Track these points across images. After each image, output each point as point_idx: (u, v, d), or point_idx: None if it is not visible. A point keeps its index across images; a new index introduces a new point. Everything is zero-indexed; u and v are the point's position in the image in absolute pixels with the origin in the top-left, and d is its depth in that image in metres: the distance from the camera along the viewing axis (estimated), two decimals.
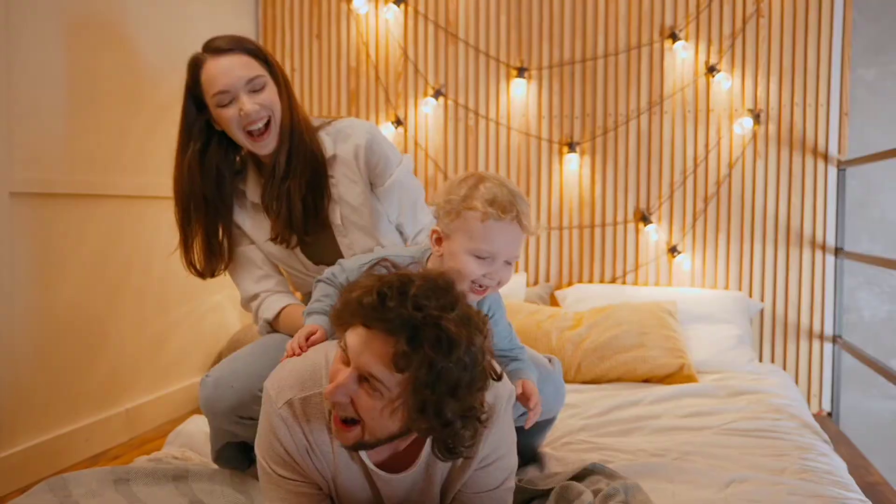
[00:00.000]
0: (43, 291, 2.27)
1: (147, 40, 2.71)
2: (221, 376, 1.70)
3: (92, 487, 1.65)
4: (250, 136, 1.73)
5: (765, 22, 3.11)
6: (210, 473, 1.75)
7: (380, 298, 1.12)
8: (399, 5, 3.33)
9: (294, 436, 1.28)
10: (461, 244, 1.43)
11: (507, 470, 1.39)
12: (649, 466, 1.76)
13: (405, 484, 1.34)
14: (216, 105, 1.72)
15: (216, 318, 3.15)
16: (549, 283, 3.29)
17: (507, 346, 1.62)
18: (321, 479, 1.33)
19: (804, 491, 1.62)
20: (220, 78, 1.70)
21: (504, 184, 1.45)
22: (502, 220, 1.41)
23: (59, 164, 2.34)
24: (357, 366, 1.15)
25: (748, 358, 2.82)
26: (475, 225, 1.42)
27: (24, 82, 2.19)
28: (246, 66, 1.73)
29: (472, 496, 1.37)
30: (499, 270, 1.45)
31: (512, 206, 1.42)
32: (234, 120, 1.71)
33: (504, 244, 1.43)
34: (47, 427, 2.29)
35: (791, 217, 3.11)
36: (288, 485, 1.32)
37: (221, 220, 1.82)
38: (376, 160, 1.80)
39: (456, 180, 1.49)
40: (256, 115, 1.70)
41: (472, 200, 1.43)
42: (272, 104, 1.74)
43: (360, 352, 1.14)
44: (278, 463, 1.31)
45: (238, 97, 1.70)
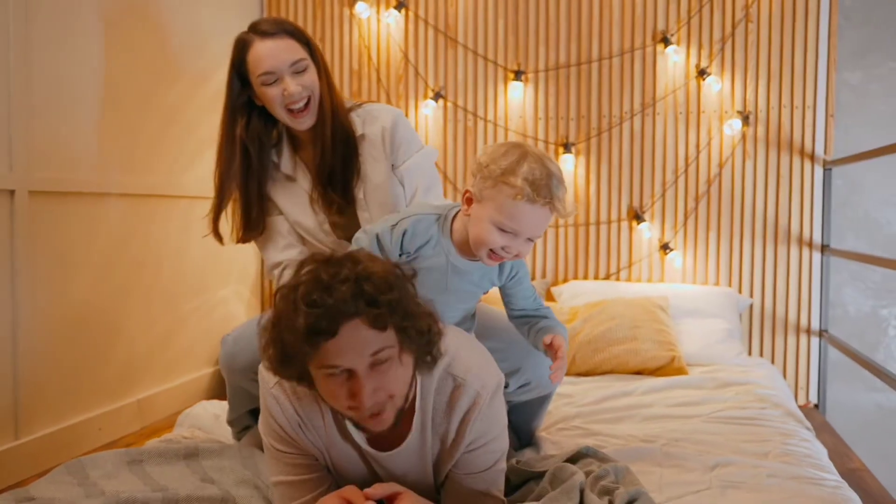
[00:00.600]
0: (59, 287, 2.34)
1: (155, 46, 2.78)
2: (241, 335, 1.81)
3: (108, 469, 1.73)
4: (290, 112, 1.83)
5: (753, 27, 3.17)
6: (219, 450, 1.82)
7: (317, 310, 1.17)
8: (400, 10, 3.38)
9: (286, 412, 1.37)
10: (489, 213, 1.44)
11: (496, 452, 1.44)
12: (639, 451, 1.85)
13: (397, 461, 1.40)
14: (261, 84, 1.82)
15: (223, 312, 3.22)
16: (546, 279, 3.35)
17: (531, 306, 1.65)
18: (316, 451, 1.41)
19: (784, 473, 1.70)
20: (266, 59, 1.81)
21: (545, 164, 1.44)
22: (535, 203, 1.41)
23: (74, 164, 2.40)
24: (360, 364, 1.21)
25: (737, 351, 2.90)
26: (507, 200, 1.41)
27: (41, 85, 2.27)
28: (290, 49, 1.83)
29: (464, 477, 1.43)
30: (519, 245, 1.46)
31: (548, 191, 1.41)
32: (277, 98, 1.82)
33: (530, 224, 1.44)
34: (63, 416, 2.36)
35: (779, 215, 3.18)
36: (286, 458, 1.41)
37: (260, 188, 1.91)
38: (399, 141, 1.89)
39: (501, 149, 1.47)
40: (299, 95, 1.81)
41: (510, 176, 1.41)
42: (313, 85, 1.84)
43: (352, 353, 1.20)
44: (275, 438, 1.40)
45: (282, 78, 1.81)
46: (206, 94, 3.06)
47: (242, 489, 1.64)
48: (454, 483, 1.44)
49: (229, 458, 1.81)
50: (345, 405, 1.25)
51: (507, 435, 1.48)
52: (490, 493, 1.45)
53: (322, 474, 1.43)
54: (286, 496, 1.42)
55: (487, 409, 1.39)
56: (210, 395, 3.04)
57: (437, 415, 1.39)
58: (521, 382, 1.82)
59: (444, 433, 1.39)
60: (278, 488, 1.44)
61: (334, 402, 1.27)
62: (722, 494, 1.57)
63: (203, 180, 3.02)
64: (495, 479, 1.46)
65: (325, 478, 1.43)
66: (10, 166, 2.16)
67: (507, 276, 1.61)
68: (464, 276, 1.56)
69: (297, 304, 1.18)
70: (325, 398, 1.29)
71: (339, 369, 1.21)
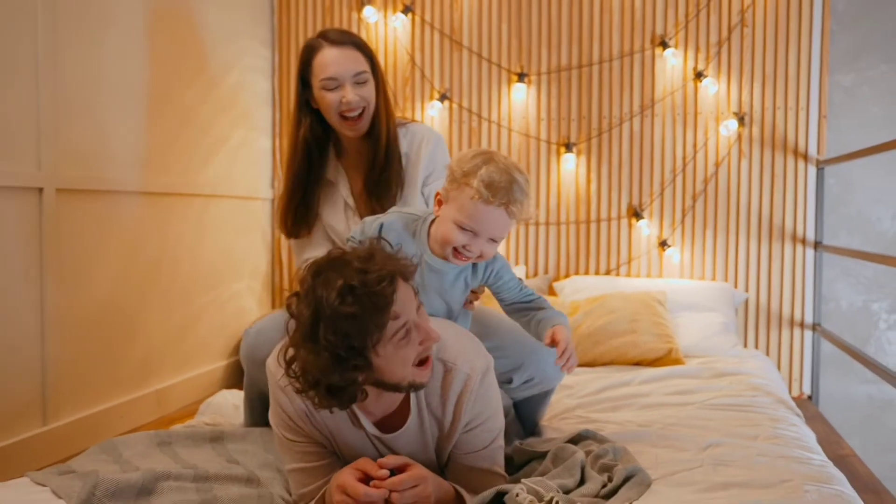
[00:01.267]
0: (83, 281, 2.43)
1: (172, 49, 2.87)
2: (264, 327, 1.91)
3: (139, 449, 1.82)
4: (343, 118, 1.93)
5: (749, 31, 3.24)
6: (242, 434, 1.92)
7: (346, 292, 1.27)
8: (407, 14, 3.45)
9: (293, 403, 1.46)
10: (452, 213, 1.53)
11: (493, 431, 1.53)
12: (636, 434, 1.93)
13: (401, 442, 1.49)
14: (321, 88, 1.92)
15: (236, 306, 3.32)
16: (548, 274, 3.43)
17: (519, 297, 1.72)
18: (323, 438, 1.50)
19: (773, 453, 1.79)
20: (331, 66, 1.90)
21: (508, 169, 1.51)
22: (490, 204, 1.49)
23: (97, 163, 2.49)
24: (414, 317, 1.35)
25: (732, 343, 2.98)
26: (467, 201, 1.50)
27: (68, 87, 2.36)
28: (355, 60, 1.93)
29: (465, 456, 1.52)
30: (480, 245, 1.54)
31: (505, 194, 1.49)
32: (334, 104, 1.91)
33: (487, 225, 1.52)
34: (87, 404, 2.46)
35: (773, 213, 3.25)
36: (297, 447, 1.50)
37: (316, 188, 2.01)
38: (436, 164, 1.99)
39: (470, 153, 1.56)
40: (356, 104, 1.91)
41: (471, 178, 1.50)
42: (370, 97, 1.94)
43: (407, 306, 1.34)
44: (286, 428, 1.50)
45: (343, 86, 1.90)
46: (219, 95, 3.16)
47: (265, 471, 1.72)
48: (456, 463, 1.54)
49: (252, 442, 1.91)
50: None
51: (501, 414, 1.57)
52: (491, 469, 1.54)
53: (332, 460, 1.52)
54: (300, 482, 1.52)
55: (479, 391, 1.48)
56: (224, 386, 3.14)
57: (433, 398, 1.48)
58: (525, 378, 1.89)
59: (441, 416, 1.48)
60: (292, 475, 1.53)
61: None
62: (714, 471, 1.66)
63: (217, 179, 3.14)
64: (494, 455, 1.55)
65: (335, 464, 1.52)
66: (39, 165, 2.25)
67: (482, 276, 1.69)
68: (439, 274, 1.65)
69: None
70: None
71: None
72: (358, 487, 1.36)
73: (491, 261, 1.66)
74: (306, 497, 1.51)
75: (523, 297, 1.73)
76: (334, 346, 1.27)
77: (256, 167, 3.51)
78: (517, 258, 3.46)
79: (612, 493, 1.52)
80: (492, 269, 1.68)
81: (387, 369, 1.34)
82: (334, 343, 1.27)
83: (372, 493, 1.35)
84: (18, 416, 2.21)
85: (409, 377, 1.37)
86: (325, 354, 1.27)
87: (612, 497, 1.51)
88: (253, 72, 3.46)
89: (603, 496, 1.52)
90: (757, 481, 1.59)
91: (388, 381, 1.37)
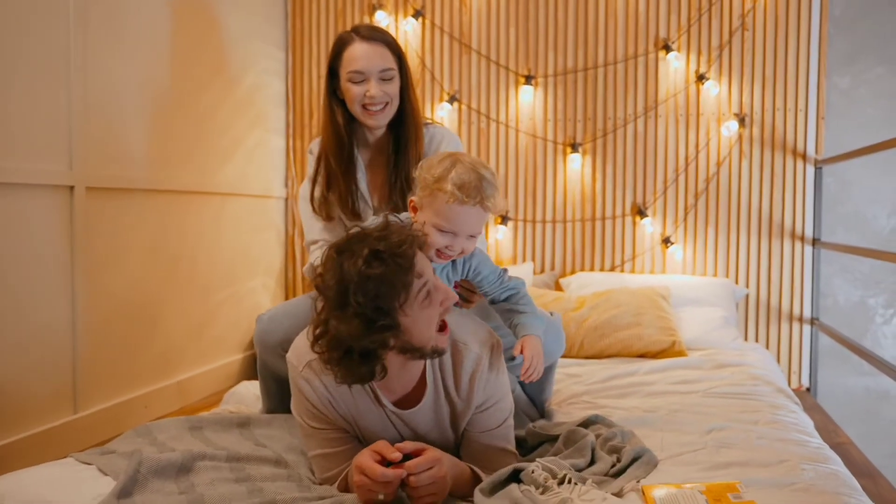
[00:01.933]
0: (110, 277, 2.53)
1: (192, 54, 2.96)
2: (275, 314, 2.00)
3: (172, 433, 1.91)
4: (365, 109, 1.99)
5: (749, 35, 3.32)
6: (267, 420, 2.00)
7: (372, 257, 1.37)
8: (417, 19, 3.53)
9: (316, 391, 1.54)
10: (429, 218, 1.58)
11: (504, 411, 1.60)
12: (642, 419, 2.02)
13: (418, 419, 1.57)
14: (348, 80, 1.98)
15: (251, 302, 3.42)
16: (555, 271, 3.50)
17: (498, 291, 1.75)
18: (346, 423, 1.58)
19: (772, 436, 1.88)
20: (360, 60, 1.96)
21: (475, 168, 1.57)
22: (466, 204, 1.55)
23: (123, 162, 2.59)
24: (433, 278, 1.45)
25: (733, 337, 3.07)
26: (442, 205, 1.56)
27: (96, 90, 2.46)
28: (383, 57, 1.98)
29: (479, 435, 1.60)
30: (461, 243, 1.60)
31: (478, 192, 1.55)
32: (358, 96, 1.97)
33: (465, 223, 1.58)
34: (114, 394, 2.56)
35: (773, 211, 3.32)
36: (320, 434, 1.58)
37: (343, 175, 2.05)
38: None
39: (436, 159, 1.61)
40: (379, 99, 1.97)
41: (443, 182, 1.55)
42: (393, 95, 2.00)
43: (427, 267, 1.44)
44: (309, 416, 1.57)
45: (369, 80, 1.96)
46: (235, 96, 3.26)
47: (291, 454, 1.80)
48: (471, 441, 1.62)
49: (277, 427, 1.99)
50: None
51: (510, 397, 1.65)
52: (504, 448, 1.63)
53: (354, 445, 1.60)
54: (323, 467, 1.60)
55: (490, 371, 1.56)
56: (241, 378, 3.24)
57: (447, 376, 1.56)
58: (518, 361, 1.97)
59: (455, 395, 1.57)
60: (316, 461, 1.61)
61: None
62: (716, 452, 1.76)
63: (234, 178, 3.24)
64: (506, 434, 1.63)
65: (356, 449, 1.59)
66: (70, 164, 2.35)
67: (461, 272, 1.75)
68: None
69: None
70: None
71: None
72: (376, 469, 1.42)
73: (469, 257, 1.71)
74: (330, 480, 1.59)
75: (504, 293, 1.76)
76: (364, 309, 1.34)
77: (271, 166, 3.60)
78: (524, 255, 3.54)
79: (620, 472, 1.61)
80: (469, 265, 1.74)
81: (414, 331, 1.41)
82: (364, 305, 1.34)
83: (388, 474, 1.41)
84: (51, 404, 2.31)
85: (432, 341, 1.45)
86: (356, 320, 1.33)
87: (621, 476, 1.59)
88: (268, 74, 3.55)
89: (612, 475, 1.61)
90: (756, 461, 1.69)
91: (415, 345, 1.43)
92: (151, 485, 1.51)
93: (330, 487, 1.58)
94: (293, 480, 1.65)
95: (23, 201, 2.19)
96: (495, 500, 1.45)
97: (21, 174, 2.17)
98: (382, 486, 1.42)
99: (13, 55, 2.16)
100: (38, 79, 2.25)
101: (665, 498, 1.44)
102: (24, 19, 2.19)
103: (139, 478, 1.51)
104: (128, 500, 1.44)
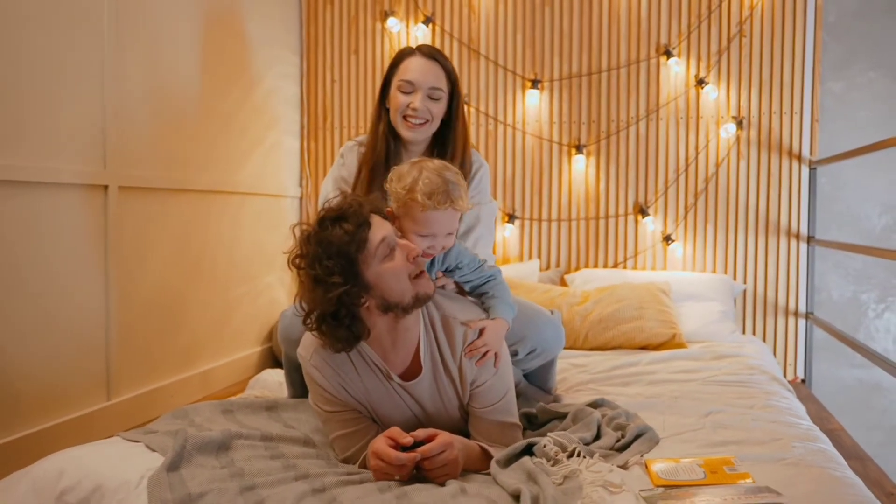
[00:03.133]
0: (140, 272, 2.64)
1: (216, 60, 3.08)
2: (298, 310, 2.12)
3: (207, 415, 2.02)
4: (405, 119, 2.06)
5: (747, 41, 3.41)
6: (294, 405, 2.11)
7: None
8: (428, 25, 3.62)
9: (327, 377, 1.67)
10: (408, 226, 1.69)
11: (502, 386, 1.70)
12: (645, 404, 2.14)
13: (421, 391, 1.67)
14: (397, 87, 2.06)
15: (268, 298, 3.53)
16: (560, 268, 3.60)
17: (477, 277, 1.82)
18: (358, 405, 1.70)
19: (766, 418, 2.00)
20: (414, 72, 2.05)
21: (439, 173, 1.66)
22: (438, 209, 1.65)
23: (153, 163, 2.70)
24: (394, 237, 1.59)
25: (730, 330, 3.17)
26: (417, 213, 1.66)
27: (129, 94, 2.58)
28: (437, 76, 2.06)
29: (482, 411, 1.70)
30: (441, 241, 1.71)
31: (447, 196, 1.64)
32: (402, 105, 2.05)
33: (441, 225, 1.68)
34: (143, 383, 2.67)
35: (769, 209, 3.41)
36: (336, 416, 1.70)
37: (369, 185, 2.12)
38: (478, 189, 2.14)
39: (403, 170, 1.70)
40: (421, 114, 2.05)
41: (413, 193, 1.64)
42: (436, 115, 2.07)
43: (385, 226, 1.58)
44: (324, 402, 1.70)
45: (416, 92, 2.03)
46: (255, 99, 3.38)
47: (317, 436, 1.90)
48: (476, 418, 1.73)
49: (304, 411, 2.10)
50: None
51: (510, 372, 1.76)
52: (508, 420, 1.74)
53: (369, 423, 1.71)
54: (343, 447, 1.72)
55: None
56: (259, 370, 3.35)
57: (444, 350, 1.68)
58: (528, 349, 2.06)
59: (452, 367, 1.68)
60: (336, 442, 1.73)
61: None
62: (714, 432, 1.88)
63: (252, 178, 3.37)
64: (508, 408, 1.73)
65: (371, 426, 1.71)
66: (104, 164, 2.48)
67: (439, 266, 1.85)
68: None
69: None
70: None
71: None
72: (391, 453, 1.51)
73: (447, 254, 1.80)
74: (351, 459, 1.71)
75: (482, 280, 1.84)
76: (330, 272, 1.48)
77: (286, 167, 3.72)
78: (531, 253, 3.66)
79: (624, 447, 1.74)
80: (448, 263, 1.83)
81: (384, 285, 1.54)
82: (329, 269, 1.48)
83: (403, 458, 1.51)
84: (86, 391, 2.43)
85: (409, 291, 1.57)
86: (324, 284, 1.48)
87: (625, 450, 1.72)
88: (283, 78, 3.67)
89: (617, 449, 1.73)
90: (751, 440, 1.82)
91: (391, 300, 1.56)
92: (196, 460, 1.64)
93: (353, 466, 1.69)
94: (322, 458, 1.77)
95: (61, 200, 2.31)
96: (510, 471, 1.56)
97: (59, 174, 2.29)
98: (397, 469, 1.51)
99: (52, 63, 2.28)
100: (76, 85, 2.37)
101: (666, 469, 1.57)
102: (63, 31, 2.32)
103: (185, 453, 1.64)
104: (175, 472, 1.57)
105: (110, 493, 1.48)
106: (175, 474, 1.57)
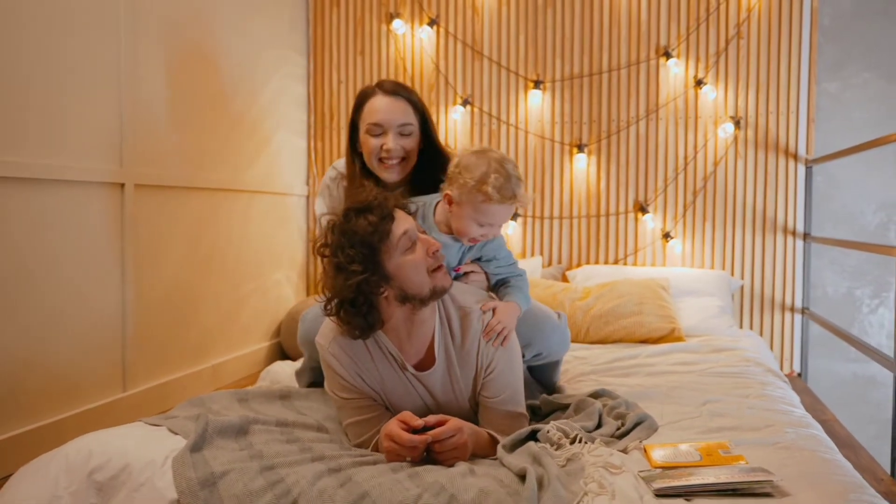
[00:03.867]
0: (154, 268, 2.71)
1: (226, 61, 3.15)
2: (318, 314, 2.16)
3: (223, 403, 2.08)
4: (381, 162, 2.02)
5: (744, 43, 3.47)
6: (305, 394, 2.18)
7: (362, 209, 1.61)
8: (432, 27, 3.69)
9: (344, 364, 1.73)
10: (468, 212, 1.78)
11: (512, 377, 1.76)
12: (644, 394, 2.21)
13: (433, 381, 1.72)
14: (366, 132, 2.01)
15: (276, 294, 3.61)
16: (562, 264, 3.66)
17: (506, 272, 1.93)
18: (373, 392, 1.76)
19: (761, 407, 2.07)
20: (379, 113, 1.99)
21: (505, 166, 1.75)
22: (503, 203, 1.75)
23: (166, 161, 2.77)
24: (416, 231, 1.67)
25: (728, 324, 3.24)
26: (482, 204, 1.76)
27: (145, 95, 2.65)
28: (404, 112, 2.01)
29: (492, 401, 1.76)
30: (495, 230, 1.83)
31: (511, 191, 1.74)
32: (375, 149, 2.00)
33: (503, 217, 1.81)
34: (157, 375, 2.75)
35: (766, 207, 3.47)
36: (351, 403, 1.76)
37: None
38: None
39: (473, 159, 1.76)
40: (395, 154, 2.00)
41: (483, 185, 1.73)
42: (411, 151, 2.02)
43: (407, 221, 1.65)
44: (340, 388, 1.76)
45: (387, 133, 1.99)
46: (262, 99, 3.45)
47: (330, 423, 1.96)
48: (486, 408, 1.79)
49: (315, 400, 2.17)
50: None
51: (520, 364, 1.82)
52: (516, 411, 1.80)
53: (382, 411, 1.77)
54: (356, 433, 1.78)
55: (481, 338, 1.73)
56: (267, 364, 3.40)
57: (456, 340, 1.74)
58: (534, 353, 2.11)
59: (466, 357, 1.74)
60: (350, 428, 1.80)
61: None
62: (710, 420, 1.95)
63: (260, 177, 3.44)
64: (514, 398, 1.79)
65: (384, 414, 1.77)
66: (121, 163, 2.55)
67: (476, 254, 1.93)
68: (446, 247, 1.87)
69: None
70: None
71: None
72: (403, 435, 1.58)
73: (486, 245, 1.90)
74: (363, 445, 1.77)
75: (510, 275, 1.94)
76: (351, 260, 1.55)
77: (293, 166, 3.79)
78: (533, 250, 3.73)
79: (624, 435, 1.81)
80: (483, 254, 1.91)
81: (404, 276, 1.61)
82: (351, 257, 1.55)
83: (415, 440, 1.57)
84: (103, 383, 2.51)
85: (427, 284, 1.64)
86: (345, 272, 1.54)
87: (625, 437, 1.79)
88: (290, 78, 3.74)
89: (617, 436, 1.81)
90: (746, 426, 1.89)
91: (409, 291, 1.63)
92: (216, 442, 1.71)
93: (365, 451, 1.76)
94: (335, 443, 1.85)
95: (79, 197, 2.39)
96: (516, 455, 1.63)
97: (78, 172, 2.37)
98: (409, 450, 1.58)
99: (71, 65, 2.36)
100: (93, 86, 2.44)
101: (664, 454, 1.65)
102: (82, 34, 2.40)
103: (206, 436, 1.71)
104: (198, 453, 1.64)
105: (137, 472, 1.56)
106: (198, 455, 1.64)
